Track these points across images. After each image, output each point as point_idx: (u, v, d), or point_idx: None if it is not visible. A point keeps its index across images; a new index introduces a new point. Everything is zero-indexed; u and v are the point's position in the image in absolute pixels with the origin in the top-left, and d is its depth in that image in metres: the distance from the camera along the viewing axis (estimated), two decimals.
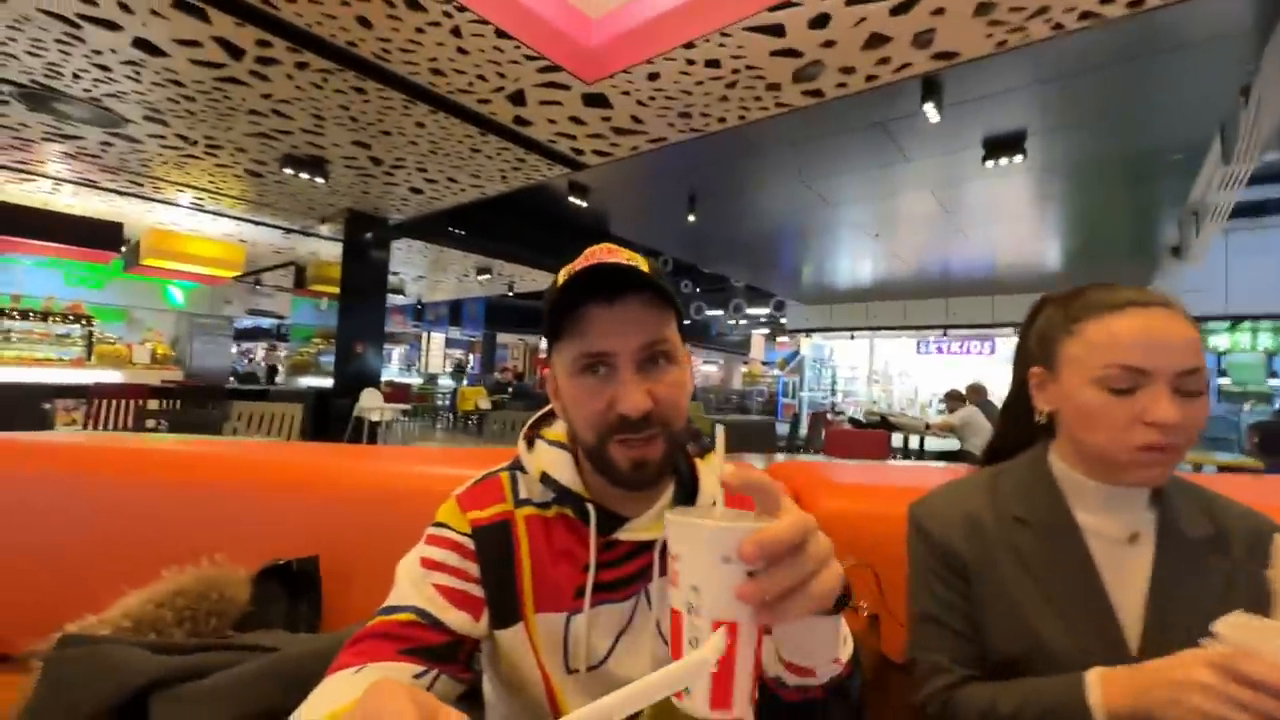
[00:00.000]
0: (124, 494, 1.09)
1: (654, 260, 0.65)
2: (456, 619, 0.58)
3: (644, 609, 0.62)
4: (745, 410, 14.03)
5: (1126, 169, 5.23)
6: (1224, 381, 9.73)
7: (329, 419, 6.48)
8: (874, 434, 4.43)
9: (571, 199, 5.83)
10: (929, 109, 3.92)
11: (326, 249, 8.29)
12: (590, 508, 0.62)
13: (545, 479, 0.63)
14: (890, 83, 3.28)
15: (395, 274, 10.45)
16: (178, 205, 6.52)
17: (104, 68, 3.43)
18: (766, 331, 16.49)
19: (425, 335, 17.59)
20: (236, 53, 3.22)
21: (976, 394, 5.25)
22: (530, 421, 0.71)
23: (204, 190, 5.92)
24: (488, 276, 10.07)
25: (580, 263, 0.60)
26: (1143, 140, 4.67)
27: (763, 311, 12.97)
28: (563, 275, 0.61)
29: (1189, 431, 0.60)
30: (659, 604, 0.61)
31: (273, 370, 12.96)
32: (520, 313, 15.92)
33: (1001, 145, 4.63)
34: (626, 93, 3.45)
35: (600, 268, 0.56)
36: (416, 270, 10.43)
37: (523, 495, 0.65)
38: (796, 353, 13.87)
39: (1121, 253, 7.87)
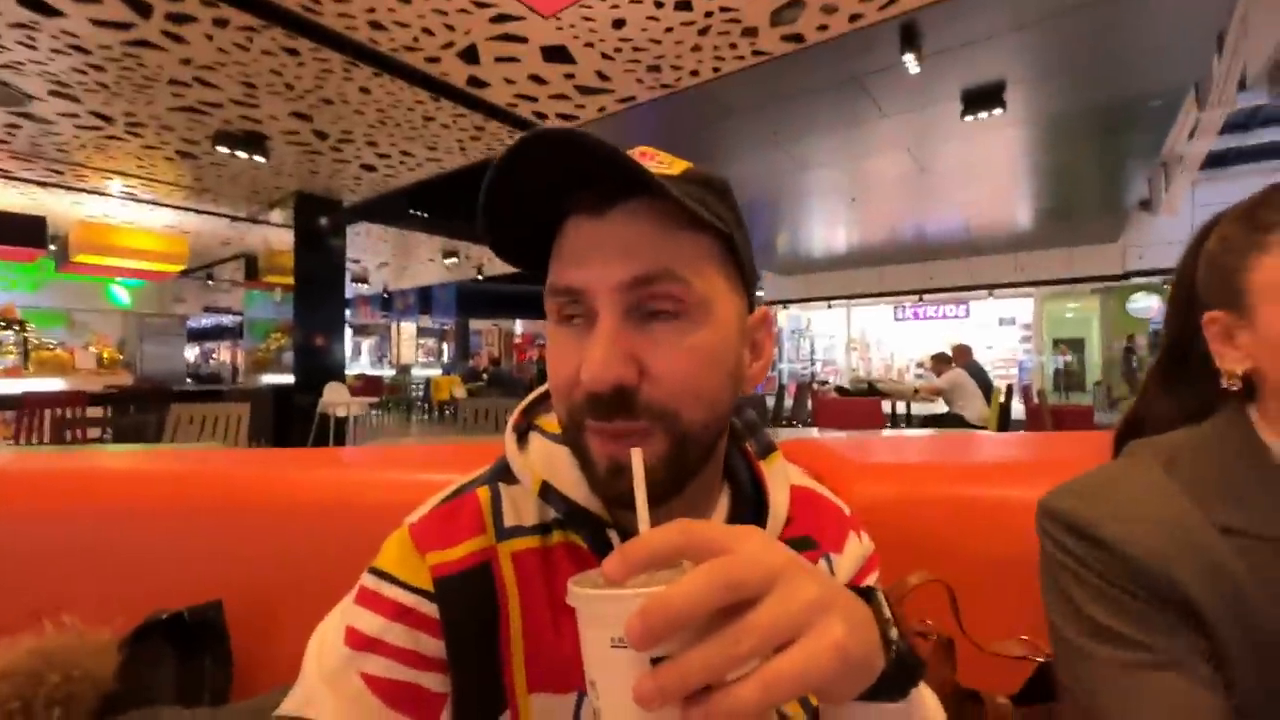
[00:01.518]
0: None
1: (707, 168, 0.43)
2: None
3: None
4: None
5: (1102, 119, 5.13)
6: None
7: (291, 418, 6.13)
8: (866, 402, 4.31)
9: None
10: (909, 59, 3.73)
11: (278, 237, 7.80)
12: (613, 535, 0.40)
13: (546, 491, 0.42)
14: (874, 23, 3.05)
15: (355, 261, 9.99)
16: (108, 195, 6.00)
17: None
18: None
19: (395, 325, 17.03)
20: (144, 9, 2.83)
21: (963, 355, 5.17)
22: (522, 404, 0.48)
23: (134, 176, 5.44)
24: (455, 260, 9.67)
25: None
26: (1120, 88, 4.56)
27: None
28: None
29: None
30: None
31: (236, 370, 12.41)
32: (493, 297, 15.45)
33: (980, 98, 4.48)
34: (590, 44, 3.16)
35: (541, 136, 0.35)
36: (379, 257, 9.97)
37: (509, 522, 0.43)
38: (774, 325, 13.79)
39: (1092, 209, 7.88)
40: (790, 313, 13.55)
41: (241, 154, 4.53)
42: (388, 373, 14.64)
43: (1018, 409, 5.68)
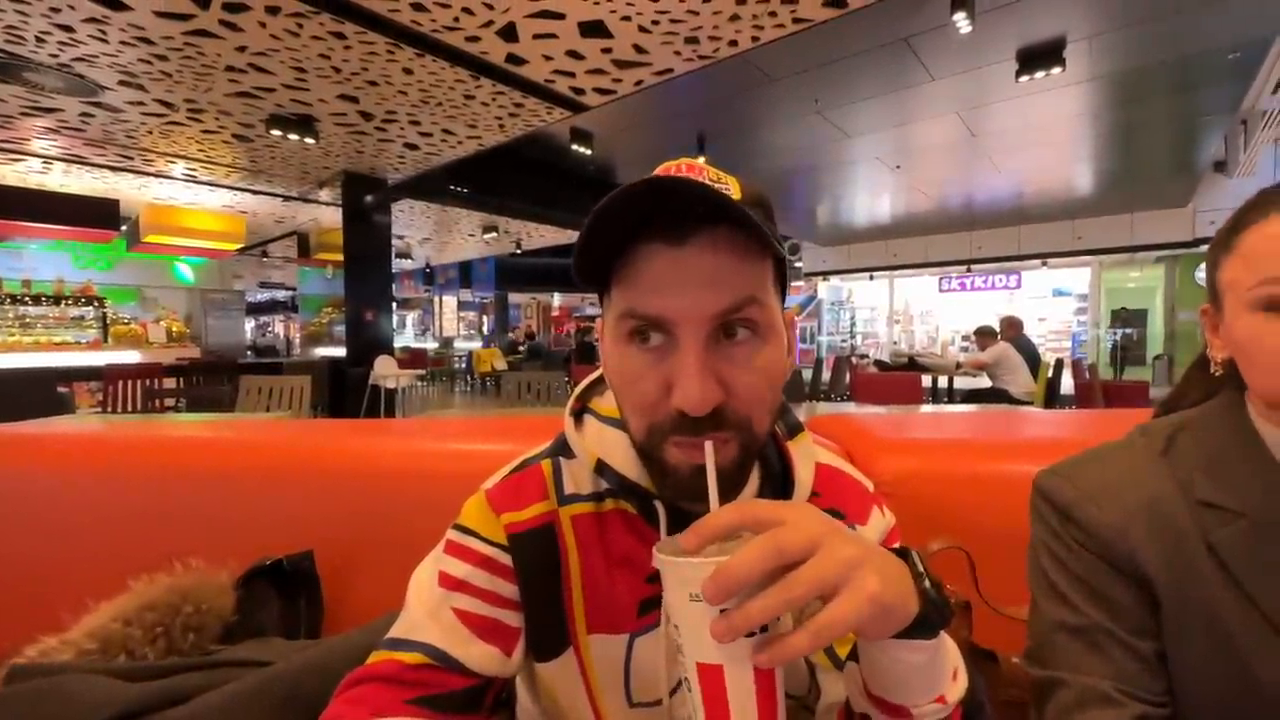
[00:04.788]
0: (87, 489, 0.97)
1: (750, 181, 0.46)
2: (481, 656, 0.46)
3: None
4: None
5: (1172, 75, 4.78)
6: None
7: (345, 389, 6.47)
8: (905, 376, 4.25)
9: (575, 147, 5.54)
10: (960, 18, 3.55)
11: (328, 215, 8.10)
12: (659, 506, 0.47)
13: (601, 467, 0.48)
14: None
15: (400, 237, 10.27)
16: (172, 178, 6.34)
17: (66, 28, 3.20)
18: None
19: (437, 299, 17.48)
20: (203, 0, 2.97)
21: (1012, 329, 5.00)
22: (579, 389, 0.54)
23: (195, 160, 5.73)
24: (494, 235, 9.84)
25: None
26: (1193, 41, 4.23)
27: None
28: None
29: None
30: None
31: (289, 343, 13.04)
32: (530, 271, 15.66)
33: (1038, 57, 4.24)
34: (627, 17, 3.14)
35: (658, 185, 0.38)
36: (422, 232, 10.22)
37: (568, 490, 0.50)
38: (814, 296, 13.54)
39: (1160, 172, 7.39)
40: (830, 284, 13.27)
41: (293, 136, 4.71)
42: (431, 345, 15.11)
43: (1068, 384, 5.49)
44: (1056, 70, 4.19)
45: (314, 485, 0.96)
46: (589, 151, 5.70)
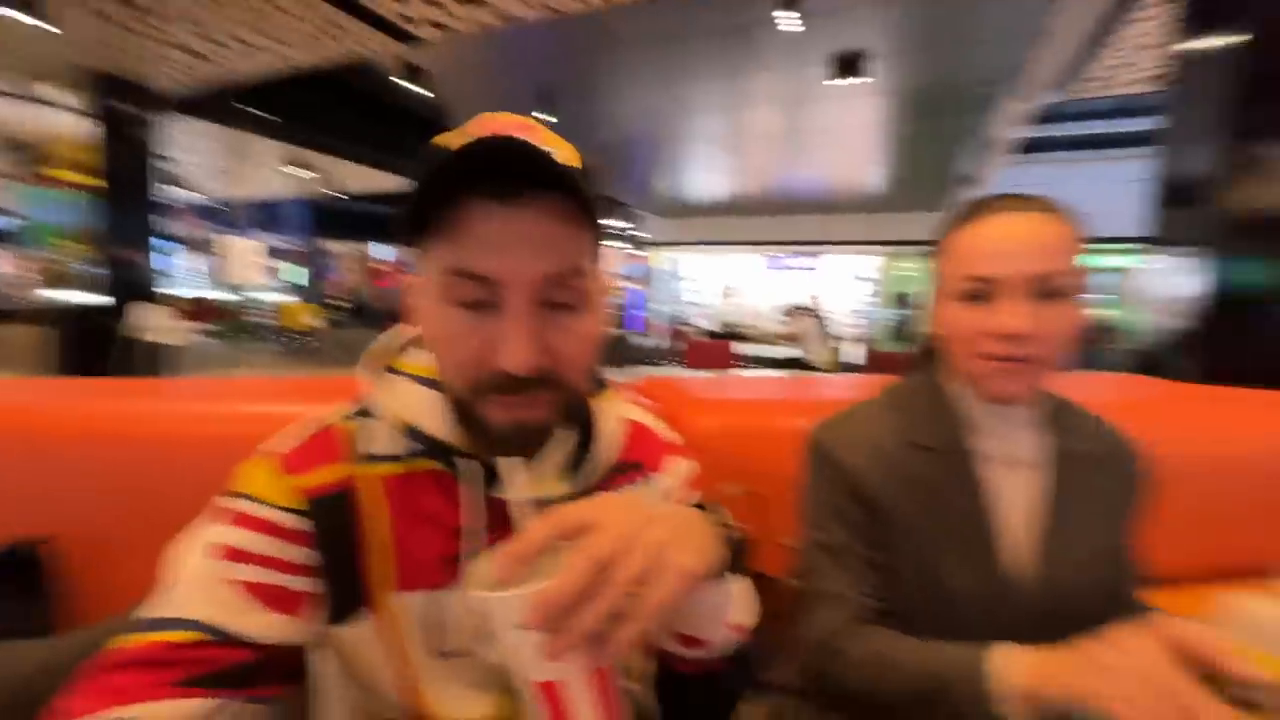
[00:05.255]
0: None
1: (588, 154, 0.46)
2: (266, 625, 0.43)
3: None
4: None
5: (943, 98, 5.73)
6: None
7: (103, 344, 5.22)
8: (725, 345, 4.67)
9: (405, 83, 5.02)
10: (787, 16, 3.86)
11: (68, 123, 6.37)
12: (470, 464, 0.47)
13: (408, 429, 0.47)
14: None
15: (176, 162, 8.50)
16: None
17: None
18: (621, 244, 16.45)
19: (232, 241, 14.84)
20: None
21: (815, 306, 5.73)
22: (382, 348, 0.52)
23: None
24: (304, 173, 8.59)
25: (472, 129, 0.43)
26: (958, 71, 5.11)
27: (616, 223, 12.80)
28: (442, 146, 0.43)
29: (1045, 340, 0.57)
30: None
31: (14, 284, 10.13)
32: (354, 218, 13.99)
33: (846, 64, 4.77)
34: None
35: (496, 145, 0.38)
36: (207, 160, 8.56)
37: (371, 450, 0.48)
38: (649, 266, 14.06)
39: (931, 180, 8.86)
40: (667, 255, 13.87)
41: (11, 13, 3.60)
42: (226, 296, 12.90)
43: (858, 354, 6.46)
44: (858, 80, 4.77)
45: (55, 459, 0.79)
46: (422, 91, 5.20)
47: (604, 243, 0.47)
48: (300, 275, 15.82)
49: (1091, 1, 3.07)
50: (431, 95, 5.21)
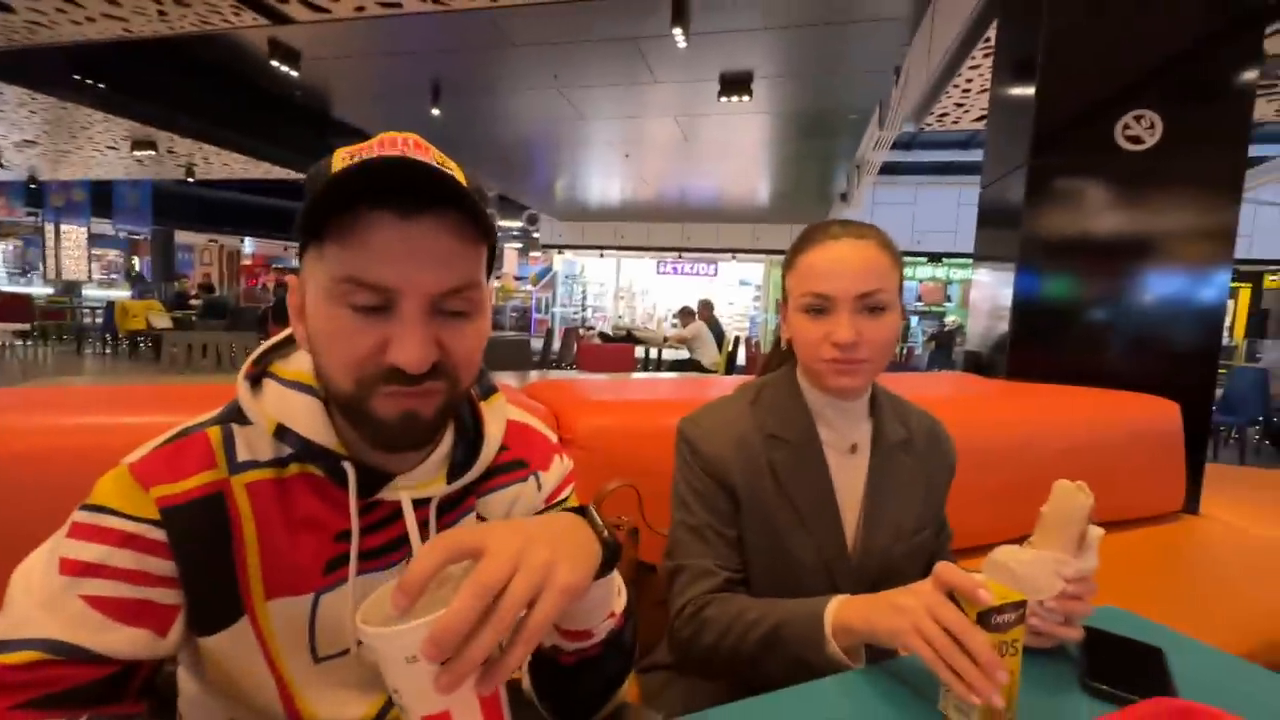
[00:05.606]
0: None
1: (473, 173, 0.48)
2: (123, 640, 0.41)
3: None
4: (499, 326, 13.79)
5: (819, 122, 6.27)
6: None
7: None
8: (621, 347, 4.76)
9: (274, 63, 4.62)
10: (677, 33, 4.02)
11: None
12: (348, 467, 0.47)
13: (282, 432, 0.46)
14: None
15: None
16: None
17: None
18: (519, 245, 16.17)
19: (52, 227, 12.71)
20: None
21: (706, 310, 5.99)
22: (256, 353, 0.51)
23: None
24: (151, 153, 7.59)
25: (370, 148, 0.44)
26: (833, 98, 5.61)
27: (515, 224, 12.59)
28: (342, 158, 0.44)
29: (872, 346, 0.69)
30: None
31: None
32: (208, 206, 12.55)
33: (733, 83, 5.07)
34: None
35: (397, 164, 0.40)
36: (20, 132, 7.31)
37: (242, 457, 0.47)
38: (549, 269, 13.96)
39: (810, 195, 9.62)
40: (565, 258, 13.85)
41: None
42: (41, 290, 11.05)
43: (744, 356, 6.84)
44: (746, 98, 5.08)
45: None
46: (294, 72, 4.81)
47: (495, 253, 0.50)
48: (143, 268, 13.93)
49: (936, 48, 3.51)
50: (297, 76, 4.82)
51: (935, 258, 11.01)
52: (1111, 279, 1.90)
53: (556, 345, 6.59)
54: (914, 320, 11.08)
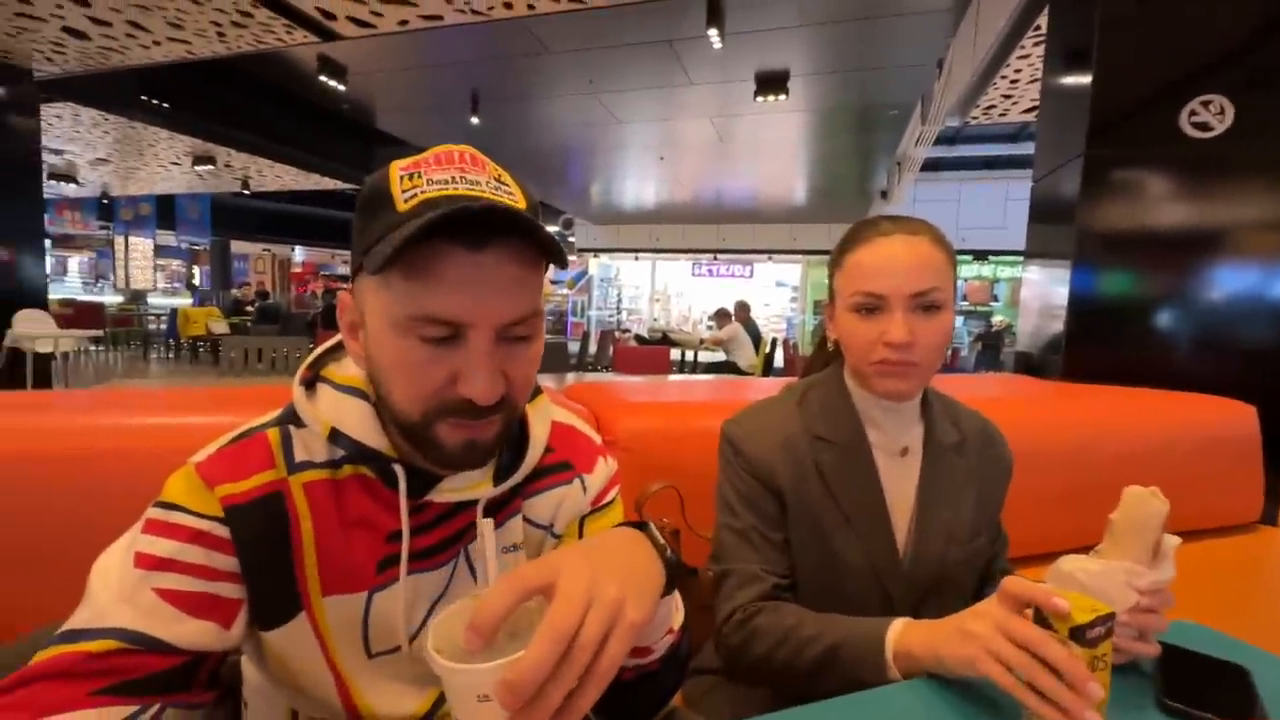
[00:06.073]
0: None
1: (529, 188, 0.48)
2: (193, 632, 0.43)
3: (463, 575, 0.53)
4: None
5: (859, 118, 6.14)
6: None
7: None
8: (657, 350, 4.76)
9: (323, 78, 4.80)
10: (712, 34, 4.01)
11: None
12: (398, 469, 0.49)
13: (335, 435, 0.48)
14: None
15: (57, 153, 7.71)
16: None
17: None
18: None
19: (122, 240, 13.52)
20: None
21: (742, 311, 5.93)
22: (310, 358, 0.53)
23: None
24: (210, 168, 8.00)
25: (429, 165, 0.44)
26: (873, 94, 5.48)
27: (551, 228, 12.73)
28: (400, 178, 0.43)
29: (925, 346, 0.66)
30: (484, 570, 0.53)
31: None
32: (262, 216, 13.13)
33: (770, 82, 5.02)
34: None
35: (475, 211, 0.40)
36: (95, 151, 7.80)
37: (299, 458, 0.49)
38: (585, 272, 14.07)
39: (849, 193, 9.42)
40: (601, 261, 13.94)
41: None
42: (112, 299, 11.75)
43: (782, 358, 6.75)
44: (782, 97, 5.02)
45: None
46: (342, 87, 5.00)
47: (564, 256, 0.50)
48: (202, 277, 14.65)
49: (982, 39, 3.39)
50: (344, 90, 5.01)
51: (981, 255, 10.63)
52: (1176, 274, 1.80)
53: (593, 348, 6.63)
54: (959, 320, 10.73)
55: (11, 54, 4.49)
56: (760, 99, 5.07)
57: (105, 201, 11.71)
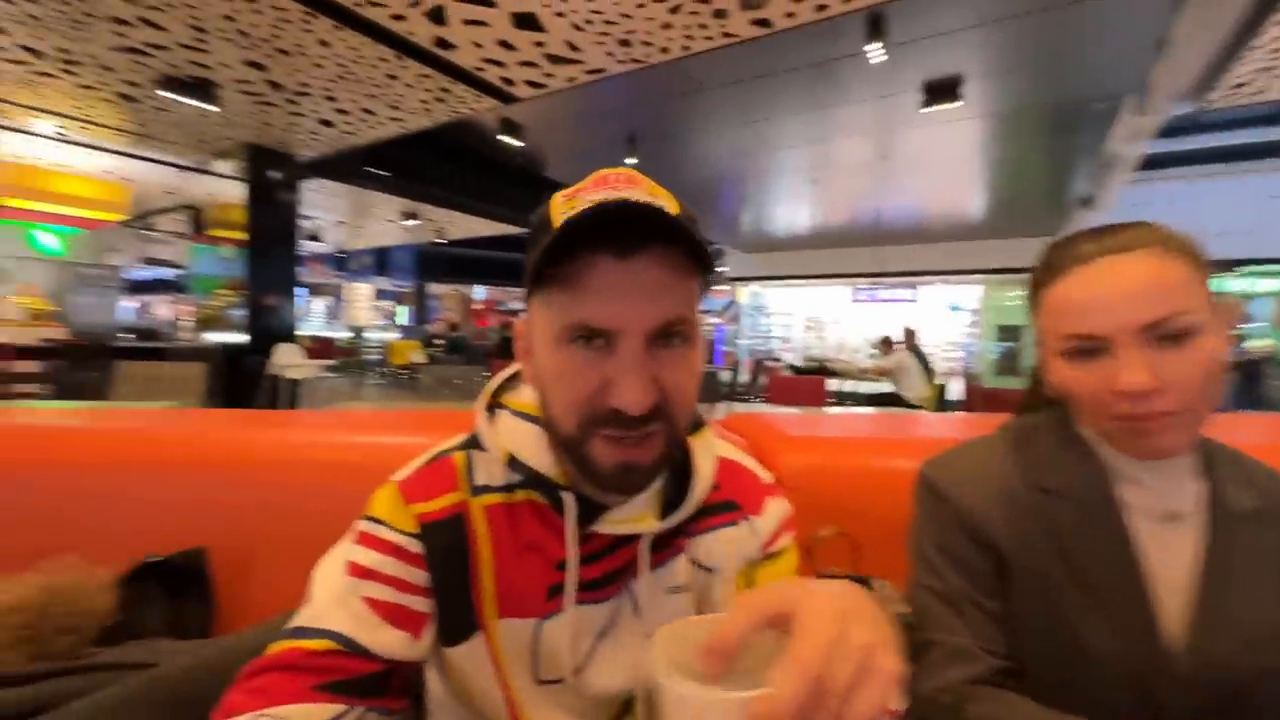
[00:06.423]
0: None
1: (683, 202, 0.48)
2: (390, 641, 0.47)
3: (627, 612, 0.52)
4: None
5: (1051, 118, 5.38)
6: None
7: (243, 379, 5.97)
8: (814, 380, 4.52)
9: (503, 138, 5.43)
10: (873, 49, 3.82)
11: (227, 189, 7.41)
12: (567, 497, 0.49)
13: (512, 460, 0.50)
14: (839, 14, 3.13)
15: (309, 218, 9.62)
16: (34, 134, 5.58)
17: None
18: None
19: (350, 286, 16.50)
20: None
21: (910, 338, 5.44)
22: (491, 386, 0.56)
23: (68, 117, 5.09)
24: (415, 222, 9.43)
25: (587, 188, 0.45)
26: (1068, 89, 4.79)
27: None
28: (560, 203, 0.45)
29: (1181, 388, 0.50)
30: (649, 606, 0.52)
31: (175, 326, 11.83)
32: (453, 261, 15.13)
33: (939, 90, 4.63)
34: (561, 14, 3.13)
35: (615, 209, 0.40)
36: (334, 215, 9.62)
37: (480, 481, 0.52)
38: (732, 301, 14.00)
39: (1039, 203, 8.26)
40: (751, 289, 13.76)
41: (189, 101, 4.30)
42: (342, 334, 14.26)
43: (958, 390, 6.03)
44: (955, 104, 4.60)
45: (208, 479, 0.91)
46: (519, 143, 5.60)
47: (710, 282, 0.48)
48: (407, 315, 17.21)
49: (1223, 7, 2.80)
50: (523, 145, 5.59)
51: (1227, 266, 8.63)
52: None
53: (744, 378, 6.51)
54: None
55: (285, 145, 5.74)
56: (928, 109, 4.69)
57: (339, 255, 14.31)
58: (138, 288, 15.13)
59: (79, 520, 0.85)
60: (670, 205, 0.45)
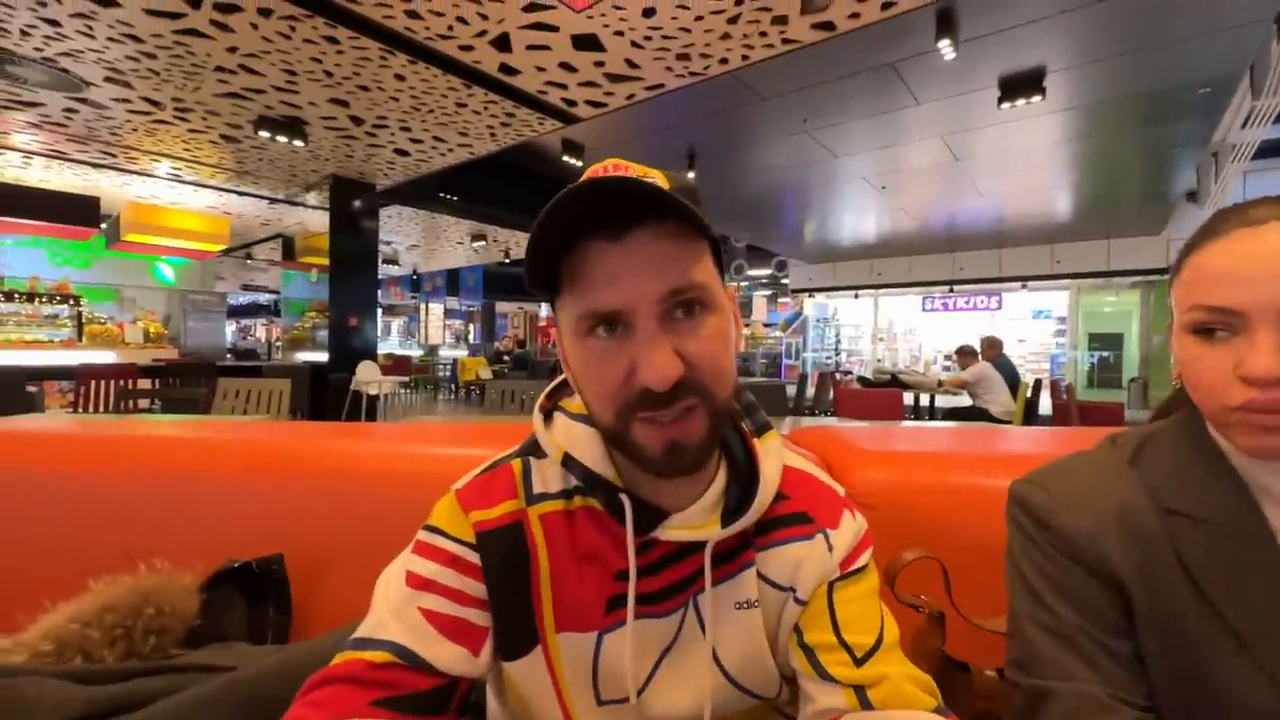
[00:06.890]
0: (45, 486, 0.94)
1: (678, 174, 0.48)
2: (448, 656, 0.45)
3: (692, 626, 0.49)
4: (749, 373, 13.93)
5: (1147, 107, 4.95)
6: None
7: (326, 394, 6.39)
8: (887, 393, 4.30)
9: (566, 158, 5.57)
10: (944, 45, 3.66)
11: (314, 219, 8.03)
12: (624, 499, 0.47)
13: (568, 461, 0.49)
14: (906, 11, 3.01)
15: (387, 243, 10.22)
16: (155, 176, 6.26)
17: (52, 22, 3.17)
18: (769, 293, 16.26)
19: (423, 306, 17.38)
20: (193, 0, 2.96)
21: (992, 349, 5.10)
22: (547, 389, 0.55)
23: (180, 159, 5.66)
24: (483, 244, 9.82)
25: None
26: (1167, 75, 4.39)
27: (764, 272, 12.73)
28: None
29: None
30: (713, 622, 0.48)
31: (270, 346, 12.87)
32: (517, 280, 15.66)
33: (1019, 84, 4.36)
34: (620, 32, 3.18)
35: (597, 186, 0.40)
36: (409, 239, 10.17)
37: (537, 490, 0.51)
38: (799, 313, 13.67)
39: (1135, 200, 7.61)
40: (816, 301, 13.41)
41: (281, 138, 4.68)
42: (416, 352, 15.00)
43: (1047, 404, 5.58)
44: (1036, 99, 4.31)
45: (286, 487, 0.94)
46: (580, 163, 5.73)
47: (720, 250, 0.48)
48: (475, 333, 17.92)
49: None
50: (581, 164, 5.71)
51: None
52: None
53: (811, 391, 6.31)
54: None
55: (365, 175, 6.14)
56: (1007, 105, 4.42)
57: (415, 277, 15.08)
58: (236, 311, 16.58)
59: (167, 526, 0.90)
60: (662, 180, 0.45)
